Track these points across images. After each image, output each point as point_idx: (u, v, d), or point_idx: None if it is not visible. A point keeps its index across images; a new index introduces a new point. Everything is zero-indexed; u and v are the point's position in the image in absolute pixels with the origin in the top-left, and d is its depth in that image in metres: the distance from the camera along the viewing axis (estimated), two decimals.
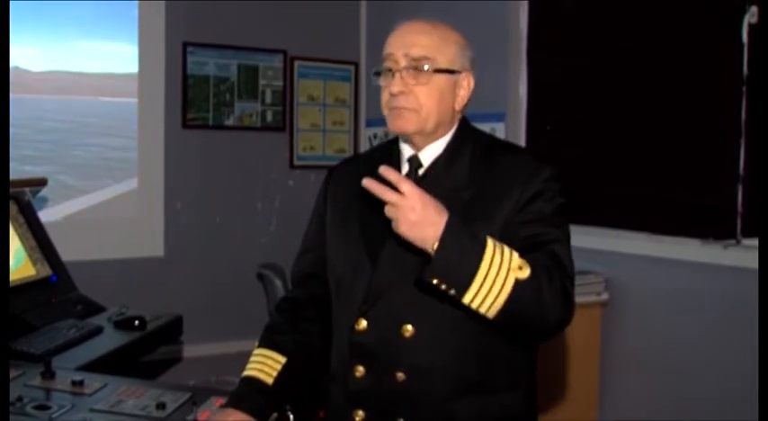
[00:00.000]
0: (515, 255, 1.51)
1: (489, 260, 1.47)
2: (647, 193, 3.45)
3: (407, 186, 1.47)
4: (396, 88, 1.70)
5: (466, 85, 1.77)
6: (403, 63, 1.70)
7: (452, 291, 1.48)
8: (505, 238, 1.62)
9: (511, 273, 1.48)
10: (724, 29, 3.13)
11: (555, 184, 1.71)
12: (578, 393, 3.50)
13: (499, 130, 4.04)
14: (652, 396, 3.42)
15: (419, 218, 1.46)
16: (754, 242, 3.03)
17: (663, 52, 3.39)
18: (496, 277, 1.48)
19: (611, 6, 3.62)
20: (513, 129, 4.07)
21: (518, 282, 1.49)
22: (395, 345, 1.69)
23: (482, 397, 1.70)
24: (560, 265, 1.61)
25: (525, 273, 1.50)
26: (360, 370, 1.73)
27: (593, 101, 3.71)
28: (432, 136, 1.76)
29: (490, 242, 1.50)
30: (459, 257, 1.47)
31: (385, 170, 1.50)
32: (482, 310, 1.50)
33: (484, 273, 1.47)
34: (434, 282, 1.48)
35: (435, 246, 1.46)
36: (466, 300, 1.49)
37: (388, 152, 1.86)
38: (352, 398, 1.74)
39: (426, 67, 1.69)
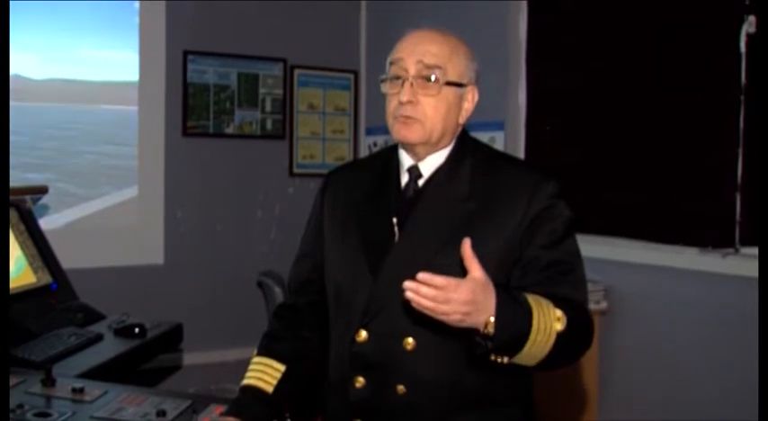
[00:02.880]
0: (552, 306, 1.53)
1: (537, 325, 1.49)
2: (645, 202, 3.46)
3: (454, 282, 1.40)
4: (405, 97, 1.69)
5: (471, 98, 1.77)
6: (413, 71, 1.70)
7: (505, 360, 1.51)
8: (513, 254, 1.66)
9: (553, 330, 1.51)
10: (722, 39, 3.14)
11: (560, 199, 1.72)
12: (577, 401, 3.50)
13: (498, 139, 4.05)
14: (651, 404, 3.42)
15: (472, 309, 1.42)
16: (753, 251, 3.03)
17: (662, 61, 3.40)
18: (542, 338, 1.50)
19: (610, 15, 3.64)
20: (512, 137, 4.08)
21: (559, 335, 1.52)
22: (396, 358, 1.69)
23: (482, 409, 1.70)
24: (580, 292, 1.67)
25: (563, 323, 1.53)
26: (360, 380, 1.72)
27: (593, 109, 3.72)
28: (434, 146, 1.76)
29: (534, 304, 1.51)
30: (514, 331, 1.48)
31: (425, 279, 1.39)
32: (523, 363, 1.54)
33: (533, 339, 1.49)
34: (491, 357, 1.50)
35: (490, 328, 1.45)
36: (514, 360, 1.52)
37: (387, 159, 1.86)
38: (351, 408, 1.74)
39: (436, 78, 1.69)
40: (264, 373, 1.79)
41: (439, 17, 3.73)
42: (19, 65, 4.19)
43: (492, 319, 1.44)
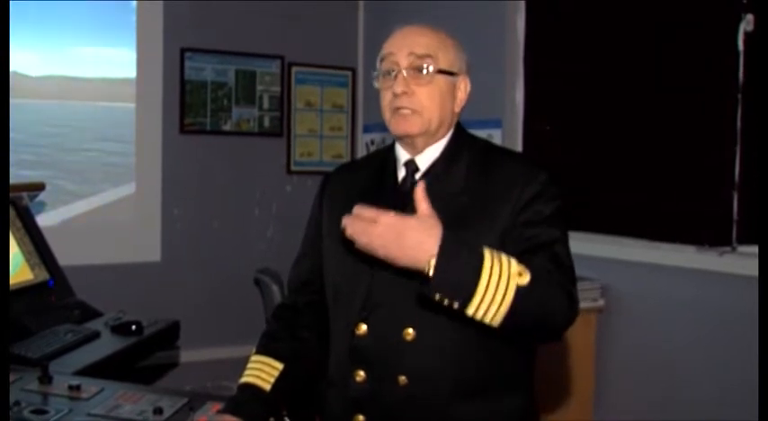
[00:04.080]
0: (513, 261, 1.50)
1: (489, 270, 1.45)
2: (642, 200, 3.46)
3: (384, 213, 1.46)
4: (399, 88, 1.70)
5: (463, 87, 1.79)
6: (405, 63, 1.71)
7: (456, 305, 1.46)
8: (506, 242, 1.63)
9: (512, 280, 1.47)
10: (720, 38, 3.14)
11: (552, 187, 1.72)
12: (573, 399, 3.51)
13: (496, 137, 4.05)
14: (647, 402, 3.42)
15: (393, 235, 1.45)
16: (750, 249, 3.04)
17: (660, 60, 3.40)
18: (498, 286, 1.45)
19: (608, 13, 3.64)
20: (509, 135, 4.08)
21: (519, 289, 1.47)
22: (396, 349, 1.69)
23: (483, 400, 1.70)
24: (561, 265, 1.62)
25: (526, 278, 1.48)
26: (360, 374, 1.72)
27: (590, 107, 3.72)
28: (433, 137, 1.77)
29: (487, 252, 1.48)
30: (459, 271, 1.45)
31: (361, 211, 1.48)
32: (486, 320, 1.48)
33: (485, 284, 1.45)
34: (437, 297, 1.46)
35: (432, 263, 1.43)
36: (469, 311, 1.47)
37: (384, 157, 1.87)
38: (352, 403, 1.74)
39: (428, 66, 1.70)
40: (262, 371, 1.79)
41: (437, 15, 3.70)
42: (17, 62, 4.18)
43: (433, 262, 1.43)
